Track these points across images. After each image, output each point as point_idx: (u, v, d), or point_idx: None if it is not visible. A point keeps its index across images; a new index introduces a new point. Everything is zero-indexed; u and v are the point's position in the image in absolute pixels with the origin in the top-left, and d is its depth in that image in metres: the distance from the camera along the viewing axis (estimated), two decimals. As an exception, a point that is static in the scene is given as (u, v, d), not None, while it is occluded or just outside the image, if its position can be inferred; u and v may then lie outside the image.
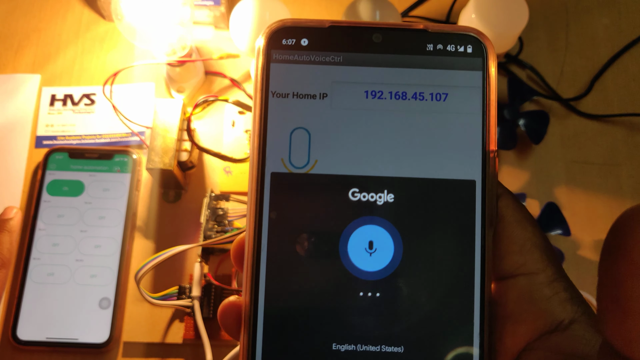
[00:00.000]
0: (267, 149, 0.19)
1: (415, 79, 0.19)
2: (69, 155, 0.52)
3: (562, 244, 0.52)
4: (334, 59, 0.19)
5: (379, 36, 0.20)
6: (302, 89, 0.19)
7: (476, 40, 0.20)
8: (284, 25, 0.20)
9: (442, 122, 0.19)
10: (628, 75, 0.59)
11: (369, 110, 0.19)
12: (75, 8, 0.60)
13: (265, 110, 0.19)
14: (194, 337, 0.48)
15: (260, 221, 0.19)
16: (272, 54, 0.20)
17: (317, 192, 0.19)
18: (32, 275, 0.49)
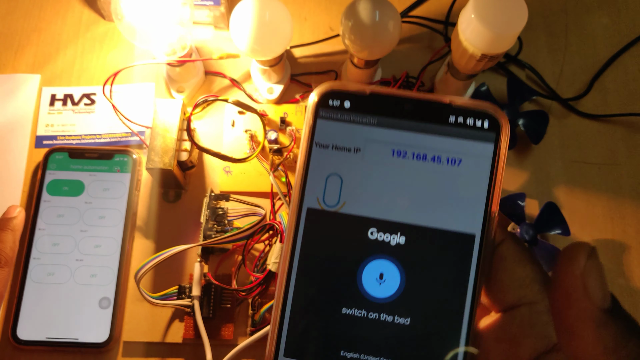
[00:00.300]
0: (307, 188, 0.23)
1: (436, 145, 0.23)
2: (69, 155, 0.53)
3: (561, 243, 0.52)
4: (370, 120, 0.23)
5: (410, 105, 0.23)
6: (340, 142, 0.23)
7: (492, 117, 0.23)
8: (332, 88, 0.23)
9: (453, 183, 0.23)
10: (627, 75, 0.59)
11: (393, 166, 0.23)
12: (75, 8, 0.61)
13: (309, 157, 0.23)
14: (193, 337, 0.48)
15: (295, 246, 0.23)
16: (320, 112, 0.23)
17: (342, 227, 0.23)
18: (32, 275, 0.49)
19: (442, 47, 0.55)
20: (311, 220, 0.23)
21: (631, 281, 0.51)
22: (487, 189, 0.23)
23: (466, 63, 0.49)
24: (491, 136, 0.23)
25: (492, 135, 0.23)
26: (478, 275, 0.22)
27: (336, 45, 0.59)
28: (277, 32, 0.49)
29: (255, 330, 0.46)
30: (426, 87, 0.57)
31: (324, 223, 0.23)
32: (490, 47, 0.45)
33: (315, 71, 0.58)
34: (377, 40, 0.48)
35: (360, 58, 0.51)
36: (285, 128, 0.54)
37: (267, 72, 0.54)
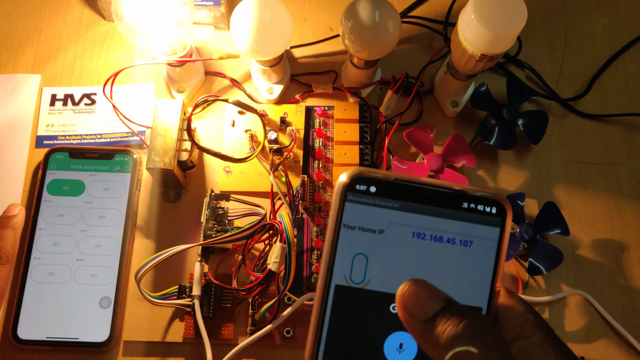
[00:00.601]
0: (335, 267, 0.25)
1: (451, 228, 0.26)
2: (69, 155, 0.53)
3: (561, 243, 0.52)
4: (393, 204, 0.25)
5: (429, 192, 0.25)
6: (366, 224, 0.25)
7: (500, 205, 0.26)
8: (360, 174, 0.25)
9: (465, 262, 0.25)
10: (627, 75, 0.59)
11: (413, 246, 0.25)
12: (76, 8, 0.61)
13: (337, 237, 0.25)
14: (194, 336, 0.48)
15: (323, 320, 0.25)
16: (347, 195, 0.25)
17: (368, 302, 0.25)
18: (33, 274, 0.49)
19: (442, 47, 0.55)
20: (339, 295, 0.25)
21: (630, 281, 0.52)
22: (493, 267, 0.25)
23: (466, 63, 0.49)
24: (498, 221, 0.26)
25: (499, 220, 0.26)
26: None
27: (336, 46, 0.59)
28: (277, 32, 0.49)
29: (255, 329, 0.47)
30: (426, 87, 0.57)
31: (350, 298, 0.25)
32: (489, 47, 0.45)
33: (315, 71, 0.58)
34: (377, 40, 0.48)
35: (360, 58, 0.51)
36: (285, 128, 0.54)
37: (267, 72, 0.54)
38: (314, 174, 0.53)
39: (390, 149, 0.54)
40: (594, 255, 0.52)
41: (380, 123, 0.53)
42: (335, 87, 0.56)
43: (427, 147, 0.51)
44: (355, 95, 0.55)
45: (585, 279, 0.52)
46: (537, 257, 0.49)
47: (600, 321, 0.50)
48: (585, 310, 0.50)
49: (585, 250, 0.53)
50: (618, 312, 0.50)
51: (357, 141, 0.53)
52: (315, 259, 0.50)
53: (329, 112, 0.55)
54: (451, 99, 0.56)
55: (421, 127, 0.52)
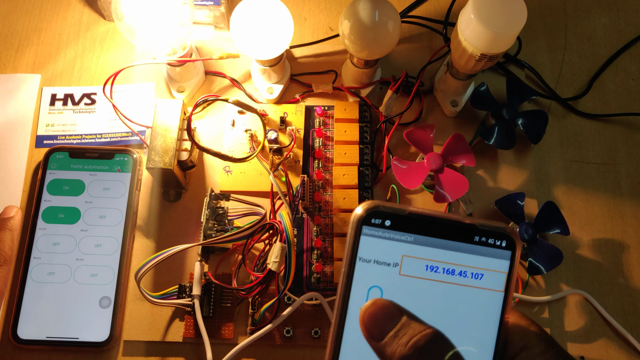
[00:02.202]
0: (350, 299, 0.26)
1: (463, 261, 0.26)
2: (69, 155, 0.53)
3: (560, 243, 0.52)
4: (407, 238, 0.26)
5: (441, 226, 0.26)
6: (380, 257, 0.26)
7: (509, 238, 0.26)
8: (375, 208, 0.26)
9: (476, 294, 0.26)
10: (627, 75, 0.59)
11: (426, 279, 0.26)
12: (76, 8, 0.61)
13: (353, 270, 0.26)
14: (194, 336, 0.48)
15: (340, 343, 0.25)
16: (363, 229, 0.26)
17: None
18: (33, 274, 0.49)
19: (442, 47, 0.55)
20: (354, 329, 0.25)
21: (630, 280, 0.52)
22: (503, 299, 0.26)
23: (465, 63, 0.49)
24: (508, 254, 0.26)
25: (509, 253, 0.26)
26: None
27: (336, 45, 0.59)
28: (277, 32, 0.49)
29: (255, 329, 0.47)
30: (426, 86, 0.57)
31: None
32: (489, 47, 0.45)
33: (315, 71, 0.58)
34: (376, 40, 0.48)
35: (360, 58, 0.51)
36: (285, 128, 0.54)
37: (267, 72, 0.55)
38: (313, 174, 0.53)
39: (390, 148, 0.54)
40: (594, 255, 0.52)
41: (380, 123, 0.53)
42: (335, 86, 0.56)
43: (426, 146, 0.51)
44: (355, 95, 0.55)
45: (585, 279, 0.52)
46: (537, 257, 0.49)
47: (600, 321, 0.50)
48: (585, 310, 0.50)
49: (585, 250, 0.53)
50: (618, 312, 0.50)
51: (357, 141, 0.53)
52: (315, 259, 0.50)
53: (328, 111, 0.55)
54: (451, 98, 0.56)
55: (421, 127, 0.52)
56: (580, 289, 0.51)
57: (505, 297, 0.26)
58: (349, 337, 0.25)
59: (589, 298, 0.50)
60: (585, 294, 0.51)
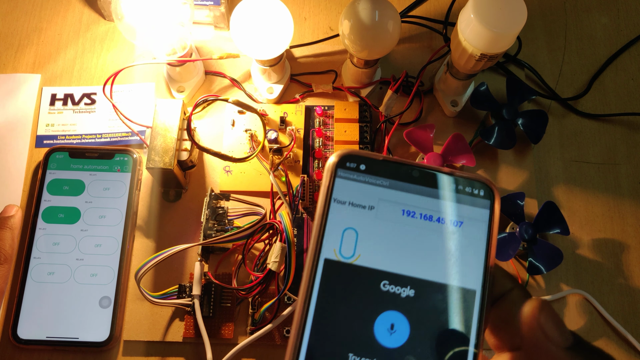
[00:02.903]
0: (324, 240, 0.25)
1: (440, 208, 0.26)
2: (69, 155, 0.53)
3: (560, 243, 0.52)
4: (382, 182, 0.26)
5: (417, 172, 0.26)
6: (356, 200, 0.25)
7: (487, 187, 0.26)
8: (350, 152, 0.26)
9: (456, 242, 0.25)
10: (627, 75, 0.59)
11: (403, 224, 0.25)
12: (76, 8, 0.61)
13: (327, 211, 0.25)
14: (194, 336, 0.48)
15: (311, 295, 0.24)
16: (338, 172, 0.26)
17: (357, 279, 0.25)
18: (33, 274, 0.49)
19: (442, 46, 0.55)
20: (328, 270, 0.25)
21: (630, 280, 0.52)
22: (485, 250, 0.25)
23: (465, 63, 0.49)
24: (487, 203, 0.26)
25: (488, 202, 0.26)
26: (480, 327, 0.24)
27: (336, 45, 0.59)
28: (277, 32, 0.49)
29: (256, 329, 0.47)
30: (426, 86, 0.57)
31: (340, 273, 0.25)
32: (489, 46, 0.45)
33: (315, 71, 0.58)
34: (376, 40, 0.48)
35: (360, 58, 0.51)
36: (285, 128, 0.54)
37: (267, 72, 0.54)
38: (313, 174, 0.53)
39: (390, 148, 0.54)
40: (594, 255, 0.52)
41: (380, 123, 0.53)
42: (335, 86, 0.56)
43: (426, 146, 0.51)
44: (355, 94, 0.55)
45: (585, 279, 0.52)
46: (537, 257, 0.49)
47: (600, 321, 0.50)
48: (585, 310, 0.50)
49: (585, 249, 0.53)
50: (618, 312, 0.50)
51: (357, 141, 0.53)
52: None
53: (328, 111, 0.55)
54: (451, 98, 0.56)
55: (421, 127, 0.52)
56: (580, 288, 0.51)
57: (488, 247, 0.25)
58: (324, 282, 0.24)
59: (589, 298, 0.51)
60: (585, 294, 0.51)
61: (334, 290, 0.24)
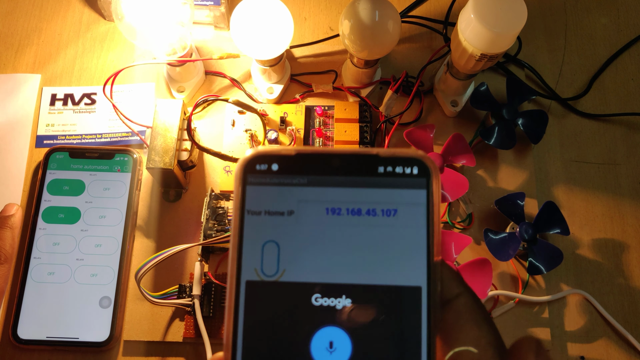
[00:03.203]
0: (243, 260, 0.22)
1: (369, 198, 0.22)
2: (69, 155, 0.53)
3: (560, 243, 0.52)
4: (300, 180, 0.22)
5: (338, 161, 0.23)
6: (272, 207, 0.22)
7: (421, 163, 0.22)
8: (257, 154, 0.23)
9: (392, 234, 0.22)
10: (627, 75, 0.59)
11: (329, 225, 0.22)
12: (76, 8, 0.61)
13: (242, 226, 0.22)
14: (194, 336, 0.48)
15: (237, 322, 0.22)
16: (247, 178, 0.22)
17: (285, 297, 0.22)
18: (33, 274, 0.49)
19: (442, 46, 0.55)
20: (251, 293, 0.22)
21: (630, 280, 0.52)
22: (426, 236, 0.22)
23: (466, 63, 0.49)
24: (422, 182, 0.22)
25: (423, 180, 0.22)
26: (430, 330, 0.22)
27: (336, 45, 0.59)
28: (277, 32, 0.49)
29: (256, 329, 0.46)
30: (426, 86, 0.57)
31: (265, 294, 0.22)
32: (489, 46, 0.45)
33: (315, 71, 0.58)
34: (376, 40, 0.48)
35: (360, 58, 0.51)
36: (285, 128, 0.54)
37: (267, 72, 0.55)
38: (314, 174, 0.53)
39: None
40: (594, 255, 0.52)
41: (380, 123, 0.53)
42: (335, 86, 0.56)
43: (426, 146, 0.51)
44: (355, 94, 0.55)
45: (585, 279, 0.52)
46: (537, 257, 0.49)
47: (600, 321, 0.50)
48: (585, 310, 0.50)
49: (585, 249, 0.53)
50: (618, 312, 0.50)
51: (357, 141, 0.53)
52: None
53: (329, 111, 0.55)
54: (451, 98, 0.56)
55: (421, 127, 0.52)
56: (580, 288, 0.51)
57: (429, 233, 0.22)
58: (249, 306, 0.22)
59: (589, 298, 0.51)
60: (585, 294, 0.51)
61: (262, 314, 0.22)
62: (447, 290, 0.22)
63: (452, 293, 0.22)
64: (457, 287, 0.22)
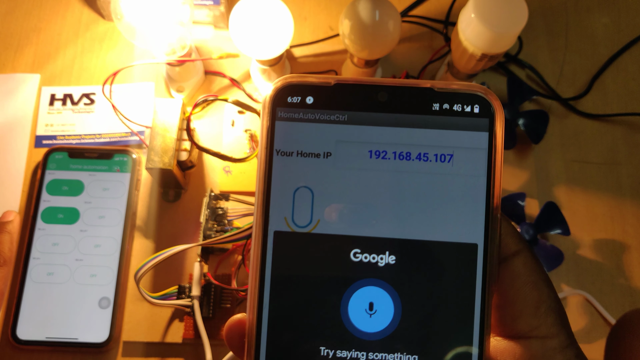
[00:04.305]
0: (271, 208, 0.19)
1: (420, 139, 0.19)
2: (68, 155, 0.52)
3: (561, 243, 0.52)
4: (339, 117, 0.19)
5: (384, 94, 0.19)
6: (306, 147, 0.19)
7: (483, 100, 0.19)
8: (289, 82, 0.20)
9: (446, 184, 0.19)
10: (627, 75, 0.59)
11: (372, 170, 0.19)
12: (75, 7, 0.60)
13: (270, 168, 0.19)
14: (193, 337, 0.48)
15: (263, 279, 0.19)
16: (277, 112, 0.19)
17: (318, 251, 0.19)
18: (32, 274, 0.49)
19: (442, 46, 0.55)
20: (280, 245, 0.19)
21: (631, 281, 0.51)
22: (485, 187, 0.19)
23: (466, 63, 0.48)
24: (484, 123, 0.20)
25: (486, 121, 0.20)
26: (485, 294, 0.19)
27: (336, 45, 0.59)
28: (277, 32, 0.49)
29: (255, 330, 0.46)
30: (426, 86, 0.57)
31: (295, 248, 0.19)
32: (490, 46, 0.45)
33: (315, 71, 0.58)
34: (377, 40, 0.48)
35: (360, 58, 0.51)
36: (285, 128, 0.54)
37: (267, 72, 0.54)
38: (313, 174, 0.53)
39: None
40: (595, 255, 0.52)
41: (381, 123, 0.53)
42: (335, 86, 0.56)
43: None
44: (355, 94, 0.55)
45: (585, 279, 0.51)
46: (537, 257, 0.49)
47: (600, 321, 0.50)
48: (585, 311, 0.50)
49: (586, 250, 0.53)
50: (619, 312, 0.50)
51: (357, 141, 0.53)
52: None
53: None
54: (451, 98, 0.55)
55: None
56: (581, 289, 0.51)
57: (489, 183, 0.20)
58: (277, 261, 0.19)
59: (589, 298, 0.50)
60: (586, 295, 0.50)
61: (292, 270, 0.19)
62: (505, 248, 0.19)
63: (510, 250, 0.20)
64: (516, 244, 0.20)
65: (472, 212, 0.19)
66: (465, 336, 0.18)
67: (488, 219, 0.19)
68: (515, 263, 0.20)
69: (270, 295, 0.19)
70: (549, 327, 0.19)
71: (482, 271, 0.19)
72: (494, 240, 0.19)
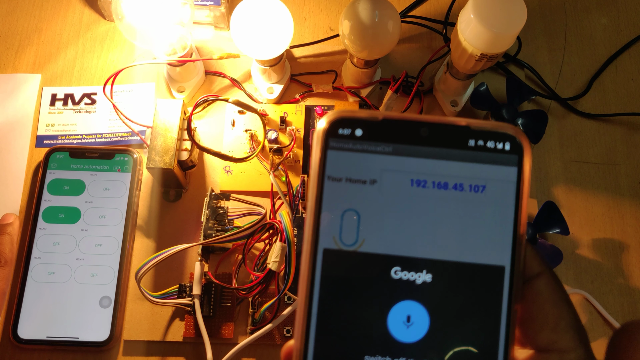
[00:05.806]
0: (321, 227, 0.22)
1: (457, 171, 0.22)
2: (69, 155, 0.53)
3: (560, 242, 0.52)
4: (384, 149, 0.22)
5: (426, 130, 0.22)
6: (354, 174, 0.22)
7: (514, 139, 0.22)
8: (341, 116, 0.22)
9: (478, 211, 0.22)
10: (626, 75, 0.59)
11: (413, 197, 0.22)
12: (76, 8, 0.61)
13: (321, 192, 0.22)
14: (194, 336, 0.48)
15: (312, 293, 0.21)
16: (329, 142, 0.22)
17: (363, 268, 0.21)
18: (33, 274, 0.49)
19: (442, 47, 0.55)
20: (329, 261, 0.21)
21: (630, 280, 0.52)
22: (513, 216, 0.21)
23: (465, 63, 0.49)
24: (514, 159, 0.22)
25: (515, 158, 0.22)
26: (511, 311, 0.21)
27: (336, 45, 0.59)
28: (277, 32, 0.49)
29: (256, 329, 0.47)
30: (425, 86, 0.57)
31: (343, 264, 0.21)
32: (489, 47, 0.45)
33: (315, 71, 0.58)
34: (376, 40, 0.48)
35: (360, 58, 0.51)
36: (285, 127, 0.54)
37: (267, 72, 0.55)
38: (314, 174, 0.53)
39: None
40: (594, 255, 0.53)
41: (380, 123, 0.53)
42: (335, 86, 0.56)
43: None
44: (355, 94, 0.55)
45: (584, 279, 0.52)
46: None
47: (599, 321, 0.50)
48: (584, 310, 0.51)
49: (585, 249, 0.53)
50: (617, 312, 0.50)
51: (357, 141, 0.53)
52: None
53: (329, 111, 0.55)
54: (451, 98, 0.56)
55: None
56: (580, 288, 0.51)
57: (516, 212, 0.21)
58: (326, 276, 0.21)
59: (588, 298, 0.51)
60: (585, 294, 0.51)
61: (339, 284, 0.21)
62: (529, 269, 0.22)
63: (534, 272, 0.22)
64: (538, 266, 0.22)
65: (501, 238, 0.21)
66: (491, 349, 0.21)
67: (515, 244, 0.21)
68: (538, 283, 0.22)
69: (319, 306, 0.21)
70: (568, 342, 0.21)
71: (509, 291, 0.21)
72: (519, 263, 0.21)
